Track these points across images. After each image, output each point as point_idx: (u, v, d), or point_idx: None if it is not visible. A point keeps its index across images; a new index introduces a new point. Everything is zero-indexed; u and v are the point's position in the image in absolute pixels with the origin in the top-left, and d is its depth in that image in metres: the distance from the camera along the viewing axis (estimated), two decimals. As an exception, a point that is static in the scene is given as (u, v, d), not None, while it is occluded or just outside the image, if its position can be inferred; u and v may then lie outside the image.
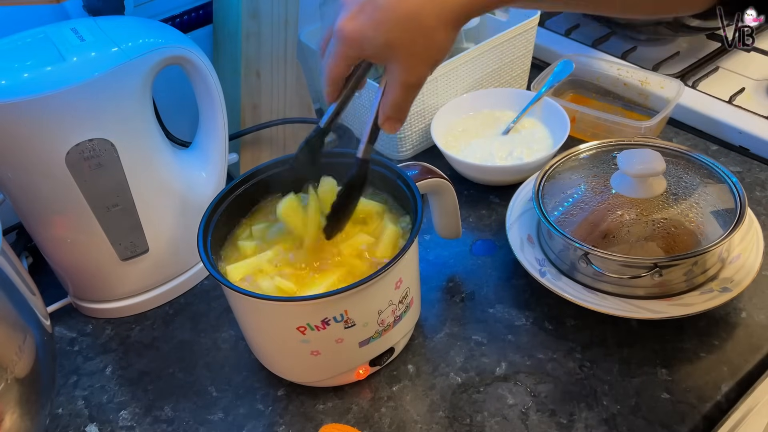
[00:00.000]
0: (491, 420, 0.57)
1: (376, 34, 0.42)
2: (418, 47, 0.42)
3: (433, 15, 0.41)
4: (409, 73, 0.44)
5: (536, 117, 0.87)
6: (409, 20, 0.41)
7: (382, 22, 0.42)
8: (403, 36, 0.42)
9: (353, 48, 0.44)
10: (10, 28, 0.64)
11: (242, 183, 0.62)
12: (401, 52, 0.43)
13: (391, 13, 0.41)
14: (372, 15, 0.42)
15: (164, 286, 0.73)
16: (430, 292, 0.70)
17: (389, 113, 0.47)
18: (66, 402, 0.64)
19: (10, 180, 0.62)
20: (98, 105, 0.58)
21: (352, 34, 0.43)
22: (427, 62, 0.43)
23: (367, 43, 0.43)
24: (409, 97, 0.46)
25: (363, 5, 0.43)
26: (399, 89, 0.45)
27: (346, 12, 0.44)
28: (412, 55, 0.43)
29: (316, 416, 0.60)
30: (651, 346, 0.62)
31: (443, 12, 0.41)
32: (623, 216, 0.64)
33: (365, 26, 0.43)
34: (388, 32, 0.42)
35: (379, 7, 0.42)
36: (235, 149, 0.82)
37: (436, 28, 0.42)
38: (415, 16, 0.41)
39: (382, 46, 0.43)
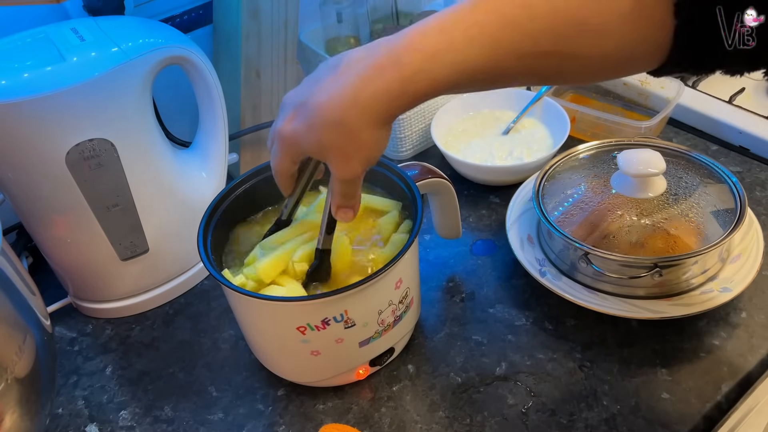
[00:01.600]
0: (491, 420, 0.57)
1: (309, 137, 0.45)
2: (347, 148, 0.45)
3: (355, 120, 0.43)
4: (343, 171, 0.46)
5: (536, 117, 0.87)
6: (336, 124, 0.43)
7: (313, 125, 0.44)
8: (333, 138, 0.44)
9: (292, 147, 0.47)
10: (10, 28, 0.64)
11: (242, 183, 0.62)
12: (333, 152, 0.45)
13: (321, 118, 0.44)
14: (304, 118, 0.45)
15: (164, 286, 0.73)
16: (430, 292, 0.70)
17: (339, 202, 0.50)
18: (66, 402, 0.64)
19: (10, 180, 0.62)
20: (98, 105, 0.58)
21: (289, 136, 0.46)
22: (357, 161, 0.46)
23: (304, 144, 0.46)
24: (350, 189, 0.48)
25: (297, 109, 0.46)
26: (339, 184, 0.48)
27: (284, 115, 0.47)
28: (343, 155, 0.45)
29: (316, 416, 0.60)
30: (651, 346, 0.62)
31: (364, 116, 0.43)
32: (623, 216, 0.64)
33: (299, 129, 0.45)
34: (319, 134, 0.44)
35: (310, 111, 0.44)
36: (235, 149, 0.82)
37: (360, 131, 0.44)
38: (341, 120, 0.43)
39: (316, 145, 0.45)
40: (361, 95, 0.43)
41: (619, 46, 0.41)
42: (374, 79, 0.43)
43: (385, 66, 0.42)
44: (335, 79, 0.44)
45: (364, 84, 0.43)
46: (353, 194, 0.49)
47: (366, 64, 0.43)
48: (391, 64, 0.42)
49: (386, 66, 0.42)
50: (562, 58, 0.42)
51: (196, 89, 0.69)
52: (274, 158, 0.49)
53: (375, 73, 0.43)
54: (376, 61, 0.43)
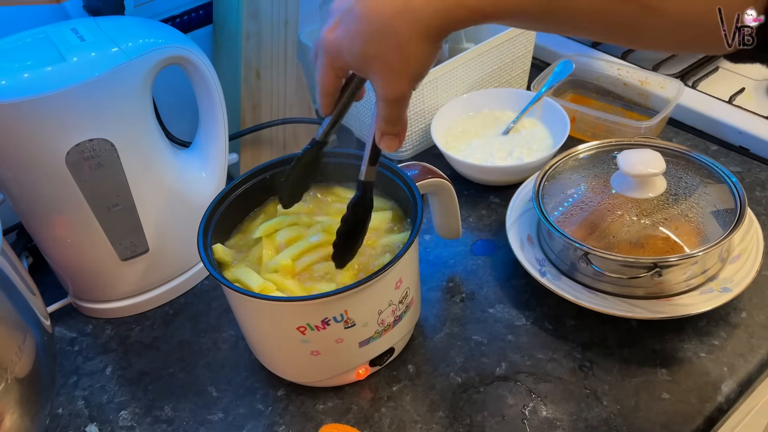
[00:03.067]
0: (491, 420, 0.57)
1: (352, 46, 0.41)
2: (393, 61, 0.41)
3: (405, 27, 0.39)
4: (388, 88, 0.42)
5: (536, 117, 0.87)
6: (383, 32, 0.40)
7: (357, 33, 0.41)
8: (378, 49, 0.40)
9: (336, 59, 0.43)
10: (10, 28, 0.64)
11: (242, 183, 0.62)
12: (377, 66, 0.41)
13: (366, 25, 0.40)
14: (349, 26, 0.41)
15: (164, 286, 0.73)
16: (430, 292, 0.70)
17: (383, 129, 0.46)
18: (66, 402, 0.64)
19: (10, 180, 0.62)
20: (98, 105, 0.58)
21: (333, 44, 0.43)
22: (405, 76, 0.42)
23: (347, 55, 0.42)
24: (397, 111, 0.44)
25: (343, 15, 0.42)
26: (384, 104, 0.44)
27: (330, 21, 0.43)
28: (389, 69, 0.41)
29: (316, 416, 0.60)
30: (651, 346, 0.62)
31: (416, 25, 0.39)
32: (623, 216, 0.64)
33: (343, 37, 0.42)
34: (363, 44, 0.41)
35: (355, 17, 0.41)
36: (235, 149, 0.82)
37: (409, 42, 0.40)
38: (388, 28, 0.39)
39: (360, 58, 0.41)
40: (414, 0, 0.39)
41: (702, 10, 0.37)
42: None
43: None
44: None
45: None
46: (399, 119, 0.45)
47: None
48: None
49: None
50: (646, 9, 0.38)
51: (196, 89, 0.69)
52: (318, 71, 0.45)
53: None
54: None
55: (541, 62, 1.02)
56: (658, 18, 0.38)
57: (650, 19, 0.38)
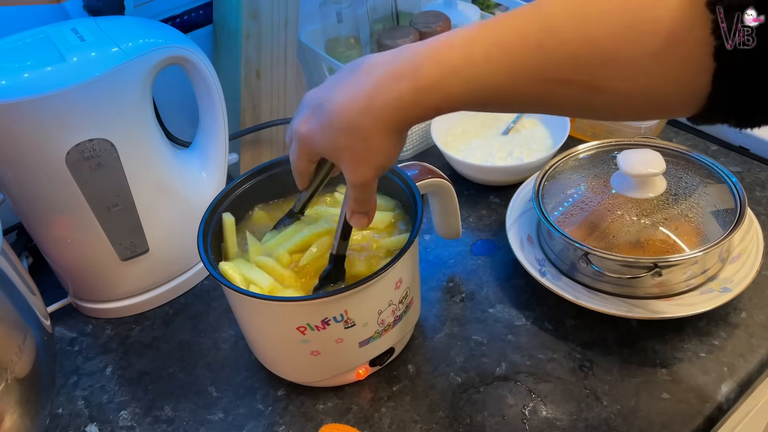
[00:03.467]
0: (491, 420, 0.57)
1: (323, 138, 0.45)
2: (359, 152, 0.45)
3: (369, 124, 0.43)
4: (354, 175, 0.46)
5: (536, 117, 0.87)
6: (350, 128, 0.44)
7: (327, 127, 0.45)
8: (346, 141, 0.44)
9: (308, 147, 0.47)
10: (10, 28, 0.64)
11: (242, 183, 0.62)
12: (345, 155, 0.45)
13: (335, 120, 0.44)
14: (320, 120, 0.45)
15: (164, 286, 0.73)
16: (430, 292, 0.70)
17: (353, 208, 0.50)
18: (66, 402, 0.64)
19: (10, 180, 0.62)
20: (98, 105, 0.58)
21: (305, 136, 0.47)
22: (370, 166, 0.46)
23: (318, 145, 0.46)
24: (364, 194, 0.48)
25: (314, 110, 0.46)
26: (352, 189, 0.48)
27: (301, 114, 0.47)
28: (355, 159, 0.45)
29: (316, 416, 0.60)
30: (651, 346, 0.62)
31: (378, 122, 0.43)
32: (623, 216, 0.64)
33: (314, 130, 0.46)
34: (332, 137, 0.45)
35: (325, 113, 0.45)
36: (235, 149, 0.82)
37: (373, 136, 0.44)
38: (354, 124, 0.43)
39: (330, 148, 0.46)
40: (375, 101, 0.43)
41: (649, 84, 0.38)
42: (389, 86, 0.42)
43: (403, 74, 0.42)
44: (353, 83, 0.44)
45: (378, 90, 0.43)
46: (367, 200, 0.49)
47: (386, 69, 0.43)
48: (409, 73, 0.42)
49: (404, 74, 0.42)
50: (585, 89, 0.39)
51: (196, 89, 0.69)
52: (291, 155, 0.50)
53: (392, 80, 0.42)
54: (396, 67, 0.43)
55: (541, 62, 1.02)
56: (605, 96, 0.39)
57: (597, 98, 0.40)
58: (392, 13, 0.93)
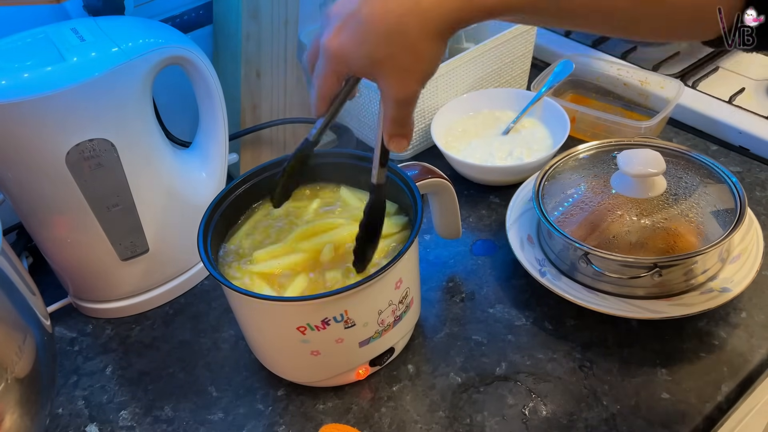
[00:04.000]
0: (491, 420, 0.57)
1: (360, 51, 0.41)
2: (404, 62, 0.41)
3: (415, 28, 0.40)
4: (398, 89, 0.43)
5: (536, 117, 0.87)
6: (392, 34, 0.40)
7: (364, 37, 0.41)
8: (388, 51, 0.40)
9: (340, 65, 0.43)
10: (10, 28, 0.64)
11: (242, 183, 0.62)
12: (387, 67, 0.41)
13: (373, 28, 0.40)
14: (355, 30, 0.41)
15: (164, 286, 0.73)
16: (430, 292, 0.70)
17: (392, 131, 0.46)
18: (66, 402, 0.64)
19: (10, 180, 0.62)
20: (98, 105, 0.58)
21: (338, 51, 0.42)
22: (415, 77, 0.42)
23: (353, 60, 0.42)
24: (405, 112, 0.44)
25: (346, 20, 0.42)
26: (393, 106, 0.44)
27: (330, 28, 0.43)
28: (399, 70, 0.41)
29: (316, 416, 0.60)
30: (651, 346, 0.62)
31: (426, 24, 0.40)
32: (623, 216, 0.64)
33: (349, 43, 0.42)
34: (371, 48, 0.41)
35: (361, 21, 0.40)
36: (235, 149, 0.82)
37: (420, 41, 0.40)
38: (398, 29, 0.40)
39: (368, 61, 0.42)
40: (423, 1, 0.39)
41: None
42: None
43: None
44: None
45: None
46: (407, 119, 0.45)
47: None
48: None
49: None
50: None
51: (196, 89, 0.69)
52: (318, 77, 0.45)
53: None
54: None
55: (541, 62, 1.02)
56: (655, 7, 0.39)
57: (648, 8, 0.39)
58: (392, 13, 0.93)
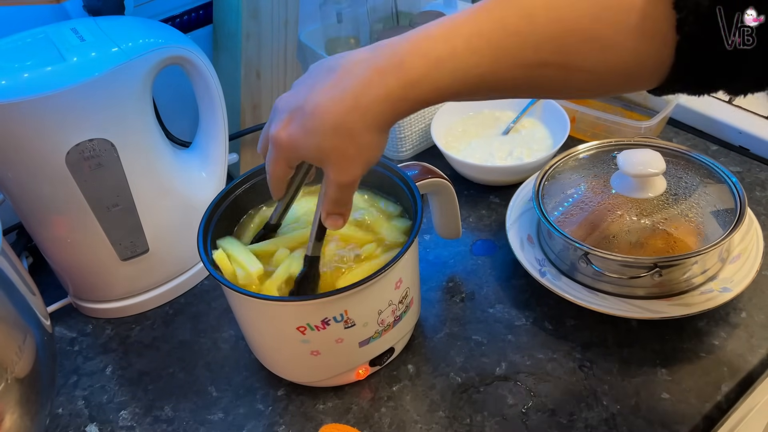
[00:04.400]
0: (491, 420, 0.57)
1: (307, 141, 0.44)
2: (348, 152, 0.44)
3: (358, 123, 0.43)
4: (342, 175, 0.46)
5: (536, 117, 0.87)
6: (336, 128, 0.43)
7: (311, 130, 0.44)
8: (333, 142, 0.44)
9: (289, 152, 0.46)
10: (10, 28, 0.64)
11: (242, 183, 0.62)
12: (333, 156, 0.44)
13: (319, 122, 0.43)
14: (302, 123, 0.44)
15: (164, 286, 0.73)
16: (430, 292, 0.70)
17: (330, 209, 0.49)
18: (66, 402, 0.64)
19: (10, 180, 0.62)
20: (98, 105, 0.58)
21: (286, 141, 0.45)
22: (358, 164, 0.45)
23: (302, 149, 0.45)
24: (345, 194, 0.48)
25: (293, 113, 0.45)
26: (335, 189, 0.47)
27: (278, 119, 0.46)
28: (344, 158, 0.45)
29: (316, 416, 0.60)
30: (651, 346, 0.62)
31: (366, 120, 0.43)
32: (623, 216, 0.64)
33: (297, 134, 0.44)
34: (318, 139, 0.44)
35: (307, 115, 0.44)
36: (235, 149, 0.82)
37: (362, 135, 0.43)
38: (342, 123, 0.43)
39: (315, 151, 0.45)
40: (362, 99, 0.42)
41: (623, 60, 0.40)
42: (376, 83, 0.42)
43: (387, 70, 0.42)
44: (335, 83, 0.43)
45: (365, 88, 0.42)
46: (347, 201, 0.49)
47: (368, 65, 0.43)
48: (394, 68, 0.42)
49: (388, 70, 0.42)
50: (565, 70, 0.41)
51: (196, 89, 0.69)
52: (269, 164, 0.49)
53: (377, 77, 0.42)
54: (378, 64, 0.43)
55: (541, 62, 1.02)
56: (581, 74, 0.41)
57: (575, 77, 0.42)
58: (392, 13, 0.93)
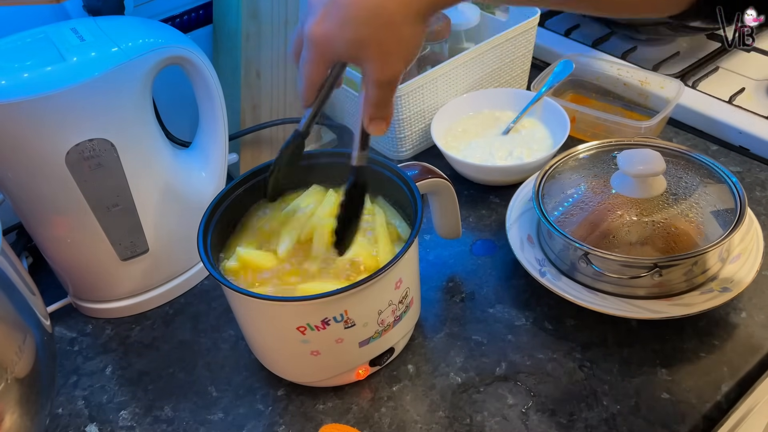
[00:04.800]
0: (491, 420, 0.57)
1: (344, 34, 0.42)
2: (387, 43, 0.42)
3: (398, 10, 0.41)
4: (382, 71, 0.43)
5: (536, 117, 0.87)
6: (374, 17, 0.41)
7: (347, 21, 0.42)
8: (371, 33, 0.42)
9: (326, 50, 0.44)
10: (10, 28, 0.64)
11: (242, 183, 0.62)
12: (371, 50, 0.42)
13: (355, 11, 0.41)
14: (337, 15, 0.42)
15: (164, 286, 0.73)
16: (430, 292, 0.70)
17: (372, 114, 0.47)
18: (66, 402, 0.64)
19: (10, 180, 0.62)
20: (98, 105, 0.58)
21: (322, 37, 0.43)
22: (399, 57, 0.43)
23: (338, 45, 0.43)
24: (387, 94, 0.45)
25: (328, 7, 0.43)
26: (376, 88, 0.45)
27: (312, 15, 0.44)
28: (384, 51, 0.42)
29: (316, 416, 0.60)
30: (651, 346, 0.62)
31: (408, 6, 0.41)
32: (623, 216, 0.64)
33: (332, 28, 0.42)
34: (355, 31, 0.42)
35: (343, 6, 0.42)
36: (235, 149, 0.82)
37: (402, 23, 0.41)
38: (379, 11, 0.41)
39: (352, 45, 0.42)
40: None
41: None
42: None
43: None
44: None
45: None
46: (389, 101, 0.46)
47: None
48: None
49: None
50: None
51: (196, 89, 0.69)
52: (304, 65, 0.46)
53: None
54: None
55: (541, 62, 1.02)
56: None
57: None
58: (392, 13, 0.93)
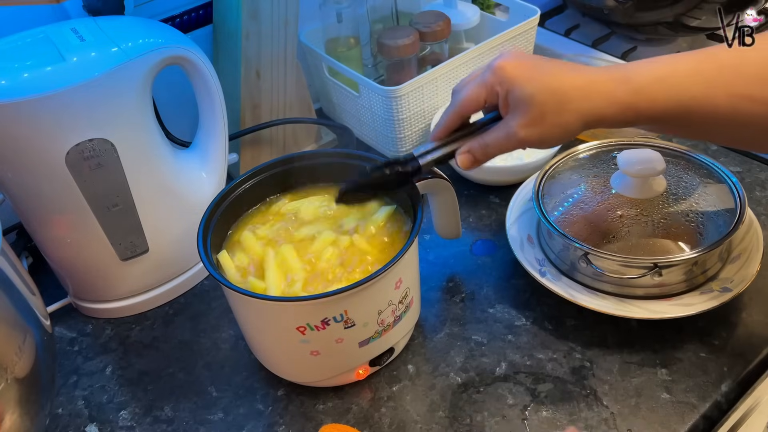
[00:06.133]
0: (491, 420, 0.57)
1: (528, 83, 0.48)
2: (549, 115, 0.48)
3: (574, 99, 0.47)
4: (526, 130, 0.49)
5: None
6: (556, 92, 0.47)
7: (535, 78, 0.48)
8: (545, 99, 0.47)
9: (502, 78, 0.49)
10: (10, 28, 0.64)
11: (242, 183, 0.62)
12: (534, 109, 0.48)
13: (545, 77, 0.48)
14: (531, 69, 0.49)
15: (164, 286, 0.73)
16: (430, 292, 0.70)
17: (476, 151, 0.52)
18: (66, 402, 0.64)
19: (10, 180, 0.62)
20: (98, 105, 0.58)
21: (510, 67, 0.49)
22: (545, 129, 0.48)
23: (514, 84, 0.48)
24: (504, 149, 0.51)
25: (526, 61, 0.49)
26: (504, 138, 0.50)
27: (512, 59, 0.50)
28: (541, 116, 0.48)
29: (316, 416, 0.60)
30: (651, 346, 0.62)
31: (582, 105, 0.47)
32: (623, 216, 0.64)
33: (521, 72, 0.49)
34: (535, 87, 0.48)
35: (539, 69, 0.49)
36: (235, 149, 0.82)
37: (570, 111, 0.48)
38: (563, 93, 0.47)
39: (528, 93, 0.48)
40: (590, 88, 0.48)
41: None
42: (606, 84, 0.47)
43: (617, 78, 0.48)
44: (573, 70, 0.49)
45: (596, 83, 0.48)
46: (493, 155, 0.52)
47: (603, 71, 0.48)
48: (622, 77, 0.47)
49: (618, 78, 0.47)
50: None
51: (196, 89, 0.69)
52: (472, 82, 0.52)
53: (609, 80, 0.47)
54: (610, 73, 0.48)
55: (541, 62, 1.02)
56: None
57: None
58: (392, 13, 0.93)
